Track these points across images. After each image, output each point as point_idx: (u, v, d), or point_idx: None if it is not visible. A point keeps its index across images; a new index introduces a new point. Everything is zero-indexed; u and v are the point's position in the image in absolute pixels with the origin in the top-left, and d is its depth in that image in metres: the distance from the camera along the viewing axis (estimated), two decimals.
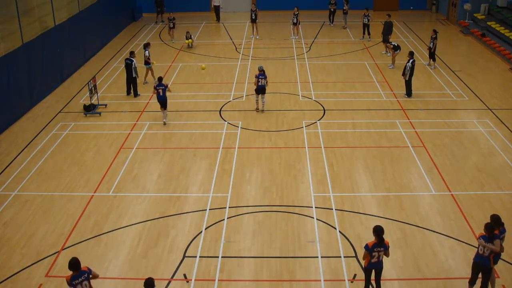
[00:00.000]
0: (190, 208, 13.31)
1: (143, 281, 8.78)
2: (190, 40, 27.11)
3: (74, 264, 8.91)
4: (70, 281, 8.91)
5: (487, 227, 9.75)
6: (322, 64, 24.42)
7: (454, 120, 18.21)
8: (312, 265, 11.21)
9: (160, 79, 17.81)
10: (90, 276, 9.06)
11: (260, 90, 18.49)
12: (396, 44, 23.54)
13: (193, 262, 11.35)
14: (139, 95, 20.50)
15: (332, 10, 31.26)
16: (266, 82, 18.44)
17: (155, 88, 17.62)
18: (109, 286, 10.72)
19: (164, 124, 17.85)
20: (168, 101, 18.02)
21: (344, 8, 30.36)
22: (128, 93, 20.67)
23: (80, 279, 8.95)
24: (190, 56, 26.08)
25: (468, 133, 17.21)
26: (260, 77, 18.25)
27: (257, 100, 18.86)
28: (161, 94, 17.60)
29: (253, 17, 28.90)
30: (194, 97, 20.59)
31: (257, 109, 18.91)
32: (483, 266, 9.90)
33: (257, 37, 29.10)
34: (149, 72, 21.72)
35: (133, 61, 20.14)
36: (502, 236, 9.99)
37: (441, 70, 23.26)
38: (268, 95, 20.55)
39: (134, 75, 20.24)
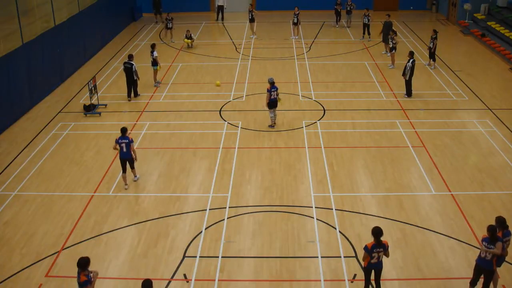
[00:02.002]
0: (190, 208, 13.30)
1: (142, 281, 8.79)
2: (190, 40, 27.08)
3: (81, 263, 9.11)
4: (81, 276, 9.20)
5: (489, 229, 9.69)
6: (322, 64, 24.41)
7: (454, 120, 18.21)
8: (312, 265, 11.21)
9: (123, 130, 13.95)
10: (88, 285, 9.14)
11: (274, 103, 17.23)
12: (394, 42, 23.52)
13: (193, 262, 11.35)
14: (139, 95, 20.45)
15: (338, 10, 31.22)
16: (277, 94, 17.17)
17: (116, 141, 13.88)
18: (109, 286, 10.72)
19: (134, 180, 14.46)
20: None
21: (351, 7, 30.29)
22: (129, 95, 20.22)
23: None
24: (190, 56, 26.08)
25: (468, 133, 17.21)
26: (273, 90, 16.93)
27: (272, 116, 17.55)
28: (124, 150, 13.81)
29: (250, 17, 28.89)
30: (194, 97, 20.59)
31: (271, 126, 17.64)
32: (486, 268, 9.86)
33: (254, 36, 29.06)
34: (156, 72, 21.45)
35: (133, 64, 19.74)
36: (507, 239, 9.85)
37: (441, 70, 23.25)
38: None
39: (135, 78, 19.92)
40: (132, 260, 11.45)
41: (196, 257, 11.50)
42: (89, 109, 19.18)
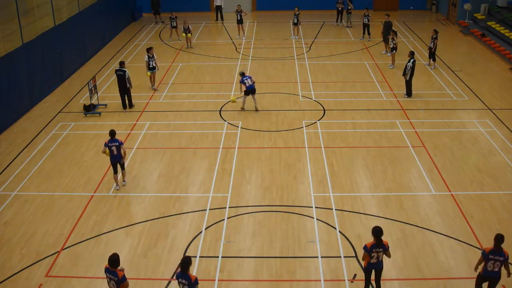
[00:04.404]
0: (190, 208, 13.30)
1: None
2: (189, 34, 26.82)
3: (112, 260, 9.15)
4: (105, 269, 9.27)
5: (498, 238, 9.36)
6: (322, 64, 24.42)
7: (454, 120, 18.21)
8: (312, 265, 11.21)
9: (112, 133, 13.74)
10: (120, 284, 9.11)
11: (253, 90, 18.53)
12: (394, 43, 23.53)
13: (193, 262, 11.33)
14: (134, 105, 19.56)
15: (340, 9, 31.27)
16: (254, 81, 18.71)
17: (105, 145, 13.70)
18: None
19: (123, 185, 14.29)
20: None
21: (349, 7, 30.39)
22: (124, 106, 19.35)
23: (109, 276, 9.17)
24: (190, 56, 26.08)
25: (468, 133, 17.21)
26: (245, 78, 18.43)
27: (245, 101, 18.94)
28: (115, 153, 13.69)
29: (239, 18, 28.77)
30: (194, 97, 20.59)
31: (256, 109, 18.90)
32: (493, 277, 9.59)
33: (243, 38, 28.97)
34: (153, 76, 20.99)
35: (125, 71, 18.80)
36: None
37: (441, 70, 23.26)
38: (268, 95, 20.63)
39: (128, 85, 19.05)
40: (132, 260, 11.45)
41: (196, 257, 11.49)
42: (89, 109, 19.18)
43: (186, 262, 8.94)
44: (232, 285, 10.75)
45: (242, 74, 18.65)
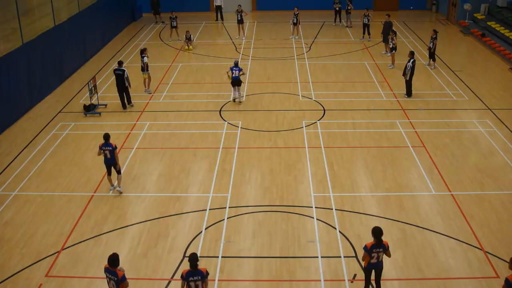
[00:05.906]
0: (190, 208, 13.30)
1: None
2: (191, 47, 26.90)
3: (112, 260, 9.12)
4: (105, 269, 9.20)
5: None
6: (322, 64, 24.41)
7: (454, 120, 18.21)
8: (312, 265, 11.21)
9: (106, 137, 13.59)
10: (120, 284, 9.08)
11: (237, 82, 19.10)
12: (393, 43, 23.54)
13: None
14: (133, 104, 19.62)
15: (337, 9, 31.28)
16: (243, 73, 19.40)
17: (100, 148, 13.63)
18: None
19: (120, 192, 14.00)
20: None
21: (348, 7, 30.40)
22: (124, 106, 19.32)
23: (109, 275, 9.14)
24: (190, 56, 26.09)
25: (468, 133, 17.21)
26: (234, 69, 19.13)
27: (237, 95, 19.54)
28: (108, 156, 13.65)
29: (239, 18, 28.83)
30: (194, 97, 20.59)
31: (234, 100, 19.71)
32: None
33: (243, 38, 29.00)
34: (147, 79, 20.78)
35: (124, 70, 18.81)
36: None
37: (441, 70, 23.26)
38: (268, 95, 20.62)
39: (126, 84, 19.07)
40: (132, 260, 11.45)
41: None
42: (89, 109, 19.18)
43: (194, 258, 8.93)
44: (232, 285, 10.75)
45: (235, 64, 19.36)
